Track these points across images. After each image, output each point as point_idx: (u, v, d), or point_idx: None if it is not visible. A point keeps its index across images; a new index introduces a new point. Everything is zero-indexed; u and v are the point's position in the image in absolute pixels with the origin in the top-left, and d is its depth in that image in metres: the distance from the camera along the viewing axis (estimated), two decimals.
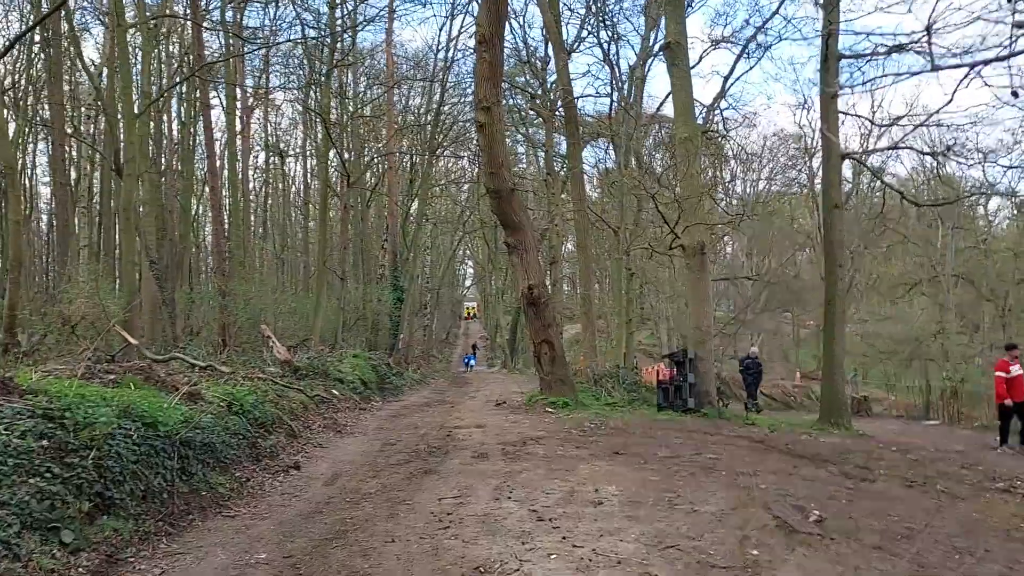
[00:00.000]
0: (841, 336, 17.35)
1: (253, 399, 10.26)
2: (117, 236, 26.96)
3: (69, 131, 31.78)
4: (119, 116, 19.23)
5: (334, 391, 15.82)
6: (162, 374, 10.97)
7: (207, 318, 23.59)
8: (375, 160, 39.34)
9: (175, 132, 37.68)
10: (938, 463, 11.57)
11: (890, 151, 22.50)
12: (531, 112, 35.67)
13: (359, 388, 18.01)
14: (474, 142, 42.09)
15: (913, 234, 47.13)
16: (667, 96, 70.26)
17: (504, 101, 28.41)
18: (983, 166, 42.04)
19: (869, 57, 19.35)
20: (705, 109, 26.21)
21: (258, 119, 46.09)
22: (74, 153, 36.52)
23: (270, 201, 54.39)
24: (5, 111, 28.95)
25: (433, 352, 54.66)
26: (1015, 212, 55.13)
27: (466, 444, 11.32)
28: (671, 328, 54.12)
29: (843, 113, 19.53)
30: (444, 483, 8.52)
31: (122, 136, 19.51)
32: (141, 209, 22.22)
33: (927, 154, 18.94)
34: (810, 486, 8.63)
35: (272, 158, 51.09)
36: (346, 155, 33.91)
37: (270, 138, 49.43)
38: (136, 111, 17.83)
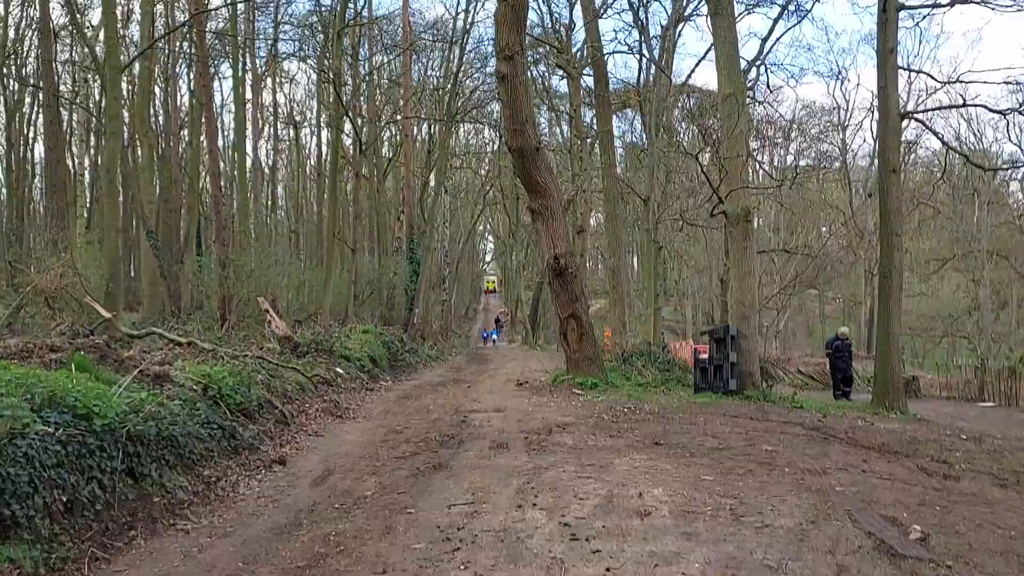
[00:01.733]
0: (898, 312, 15.67)
1: (233, 381, 8.80)
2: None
3: (67, 96, 30.46)
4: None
5: (338, 369, 14.39)
6: (134, 352, 9.60)
7: (209, 291, 22.27)
8: (390, 127, 37.76)
9: (183, 101, 36.44)
10: (1019, 454, 10.13)
11: (953, 109, 20.60)
12: (556, 72, 33.83)
13: (367, 366, 16.54)
14: (495, 114, 40.50)
15: (946, 209, 45.47)
16: (697, 64, 69.38)
17: (527, 66, 26.81)
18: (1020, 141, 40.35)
19: (931, 8, 17.66)
20: (744, 69, 24.37)
21: (269, 88, 44.75)
22: (75, 123, 35.28)
23: (284, 172, 53.17)
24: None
25: (452, 327, 53.29)
26: None
27: (483, 432, 9.89)
28: (696, 304, 52.70)
29: (904, 68, 17.69)
30: (455, 483, 7.08)
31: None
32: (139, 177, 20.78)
33: (997, 112, 17.13)
34: (891, 487, 7.22)
35: (286, 129, 49.82)
36: (360, 121, 32.36)
37: (283, 109, 48.22)
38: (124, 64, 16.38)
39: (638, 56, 29.87)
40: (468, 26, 34.46)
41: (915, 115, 18.18)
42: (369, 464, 8.18)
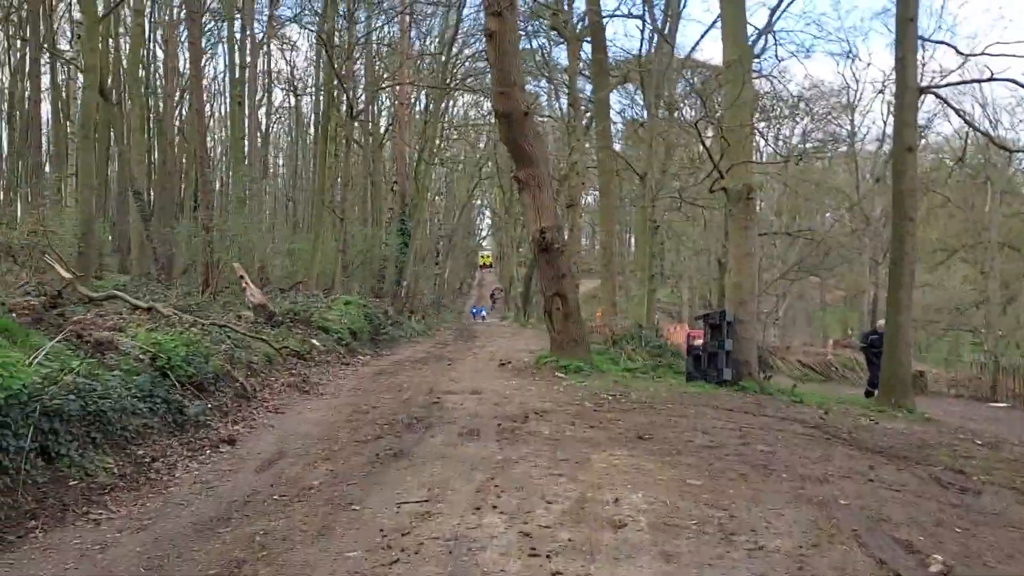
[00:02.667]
0: (909, 303, 14.70)
1: (187, 351, 8.11)
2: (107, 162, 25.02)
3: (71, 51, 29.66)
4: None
5: (314, 341, 13.69)
6: (88, 315, 8.92)
7: (196, 256, 21.68)
8: (384, 93, 36.81)
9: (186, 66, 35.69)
10: None
11: (976, 84, 19.47)
12: (556, 42, 32.74)
13: (345, 339, 15.81)
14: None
15: (956, 197, 44.45)
16: (702, 36, 68.02)
17: (521, 37, 25.81)
18: None
19: None
20: (752, 37, 23.28)
21: (270, 53, 43.86)
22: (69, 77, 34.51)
23: (284, 140, 52.45)
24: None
25: (445, 302, 52.60)
26: None
27: (455, 416, 9.22)
28: (693, 287, 51.92)
29: (924, 39, 16.59)
30: (413, 475, 6.43)
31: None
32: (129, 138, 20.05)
33: None
34: (903, 501, 6.30)
35: (287, 96, 49.01)
36: (359, 88, 31.44)
37: (284, 75, 47.35)
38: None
39: (640, 22, 28.92)
40: None
41: (934, 89, 17.09)
42: (325, 448, 7.53)
